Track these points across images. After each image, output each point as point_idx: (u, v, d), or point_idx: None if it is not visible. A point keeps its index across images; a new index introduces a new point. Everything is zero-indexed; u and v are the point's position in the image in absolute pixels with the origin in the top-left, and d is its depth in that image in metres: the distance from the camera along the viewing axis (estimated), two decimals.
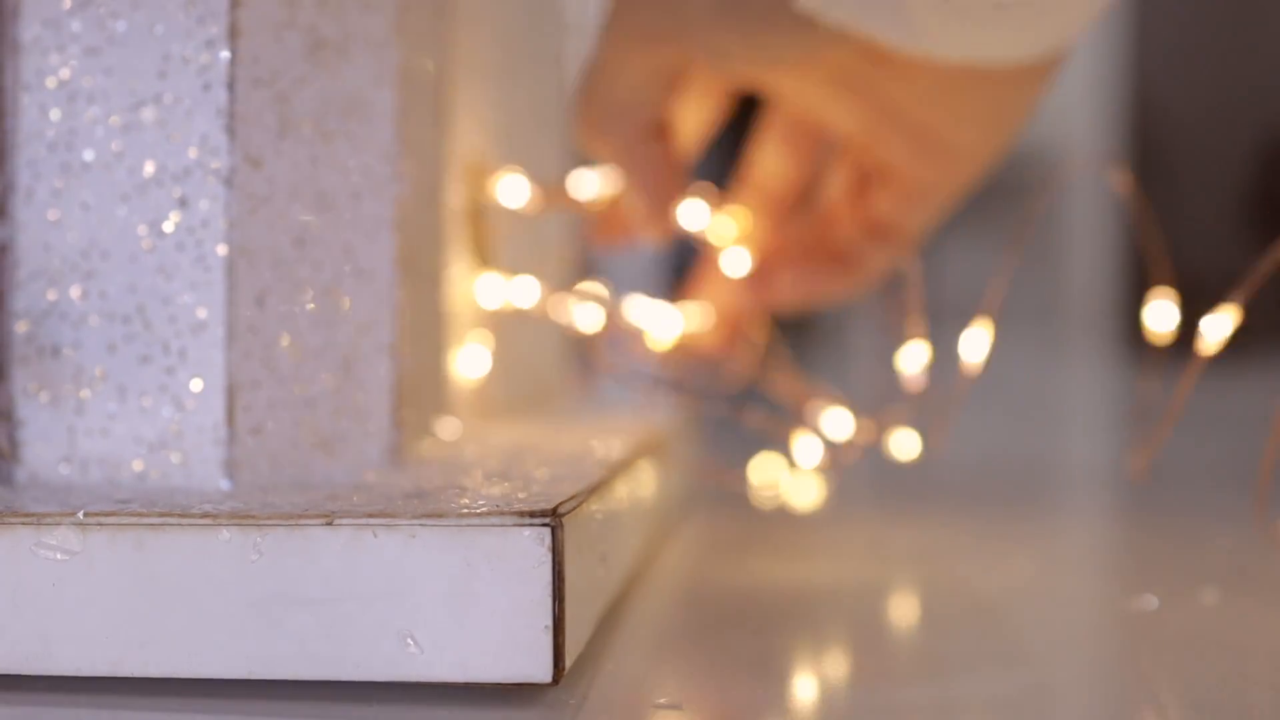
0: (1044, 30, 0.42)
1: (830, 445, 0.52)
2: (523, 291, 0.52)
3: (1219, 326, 0.46)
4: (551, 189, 0.53)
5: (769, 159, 0.52)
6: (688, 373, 0.55)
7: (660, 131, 0.48)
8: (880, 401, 0.52)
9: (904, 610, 0.44)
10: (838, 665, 0.38)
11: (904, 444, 0.52)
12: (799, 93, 0.48)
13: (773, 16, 0.44)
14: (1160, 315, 0.47)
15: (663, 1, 0.45)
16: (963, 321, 0.50)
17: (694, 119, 0.51)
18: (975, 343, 0.49)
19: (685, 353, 0.53)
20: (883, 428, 0.51)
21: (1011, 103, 0.46)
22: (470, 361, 0.50)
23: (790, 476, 0.60)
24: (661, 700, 0.33)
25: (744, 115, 0.53)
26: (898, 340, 0.51)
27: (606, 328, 0.53)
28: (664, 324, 0.51)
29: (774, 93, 0.49)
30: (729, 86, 0.50)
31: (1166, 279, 0.47)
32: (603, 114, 0.48)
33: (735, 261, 0.51)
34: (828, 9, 0.42)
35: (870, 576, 0.48)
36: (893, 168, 0.49)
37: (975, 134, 0.47)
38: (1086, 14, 0.42)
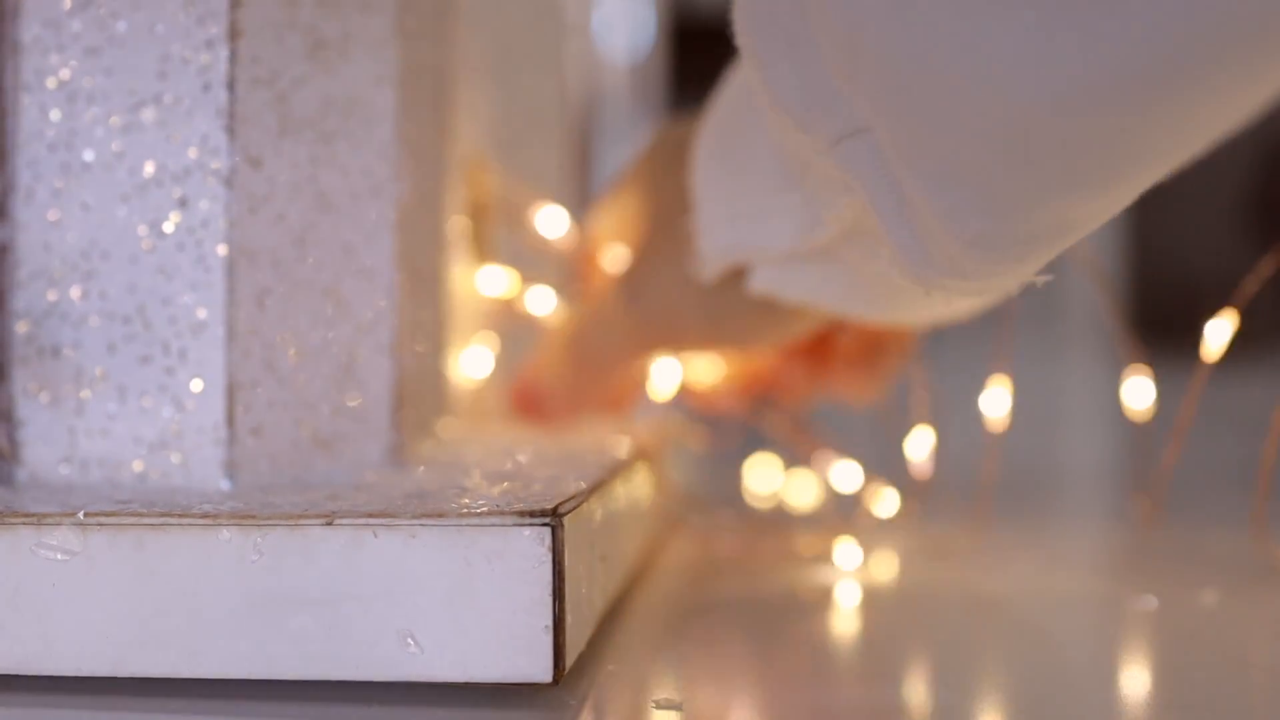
0: (1022, 261, 0.41)
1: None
2: (537, 299, 0.52)
3: (1221, 331, 0.46)
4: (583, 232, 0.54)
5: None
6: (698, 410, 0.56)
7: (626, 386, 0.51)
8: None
9: (904, 610, 0.44)
10: (838, 666, 0.38)
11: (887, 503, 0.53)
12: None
13: (753, 319, 0.45)
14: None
15: (660, 330, 0.47)
16: (963, 329, 0.50)
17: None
18: (996, 401, 0.50)
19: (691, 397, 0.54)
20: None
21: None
22: (471, 362, 0.50)
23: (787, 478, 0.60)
24: (661, 699, 0.33)
25: None
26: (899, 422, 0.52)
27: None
28: (665, 374, 0.52)
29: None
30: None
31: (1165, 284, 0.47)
32: (589, 378, 0.49)
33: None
34: (781, 291, 0.43)
35: (870, 577, 0.48)
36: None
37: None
38: (1076, 238, 0.40)
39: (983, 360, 0.51)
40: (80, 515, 0.32)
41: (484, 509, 0.32)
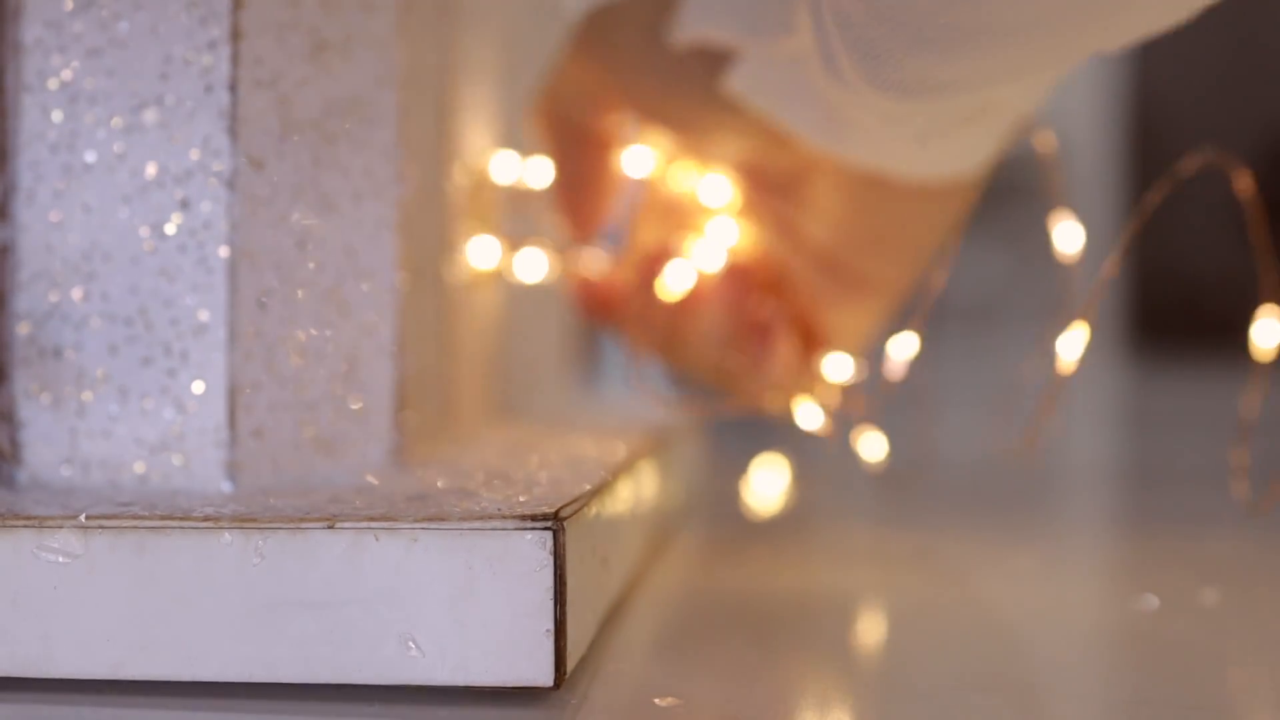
0: (958, 150, 0.42)
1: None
2: (528, 264, 0.51)
3: (1273, 331, 0.45)
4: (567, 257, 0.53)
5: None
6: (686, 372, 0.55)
7: (602, 141, 0.49)
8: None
9: (904, 611, 0.44)
10: (838, 667, 0.38)
11: (872, 444, 0.52)
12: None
13: (704, 106, 0.45)
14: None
15: (614, 75, 0.47)
16: (964, 321, 0.50)
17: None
18: (1072, 343, 0.49)
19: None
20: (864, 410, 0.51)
21: (921, 227, 0.47)
22: (473, 363, 0.50)
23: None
24: (661, 701, 0.33)
25: None
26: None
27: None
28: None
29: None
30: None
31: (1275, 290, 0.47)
32: (552, 105, 0.49)
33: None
34: (753, 95, 0.43)
35: (870, 577, 0.48)
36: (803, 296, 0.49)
37: (882, 262, 0.47)
38: (1002, 136, 0.42)
39: (981, 356, 0.51)
40: (82, 518, 0.32)
41: (486, 512, 0.32)
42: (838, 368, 0.50)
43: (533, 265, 0.51)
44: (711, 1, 0.43)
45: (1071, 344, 0.47)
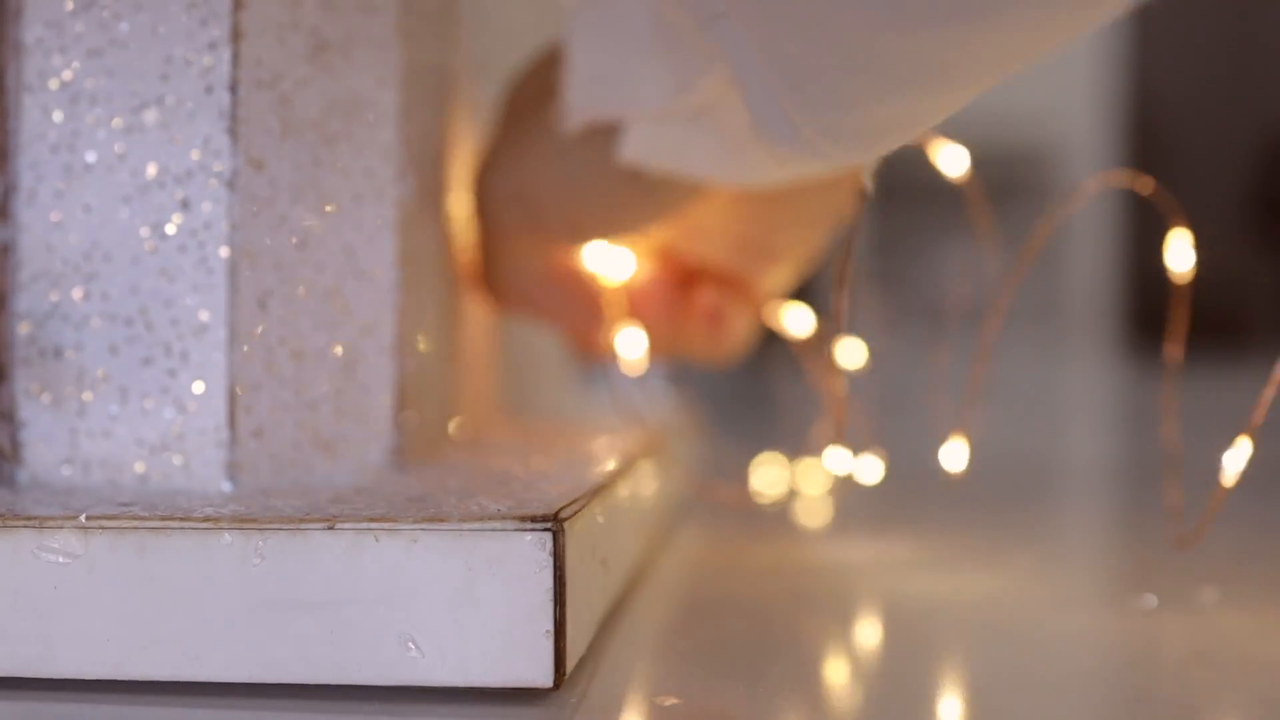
0: (858, 154, 0.42)
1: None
2: None
3: None
4: None
5: None
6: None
7: (562, 274, 0.49)
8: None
9: (904, 610, 0.44)
10: (838, 667, 0.38)
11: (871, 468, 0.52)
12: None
13: (612, 189, 0.44)
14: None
15: (516, 188, 0.46)
16: (962, 323, 0.50)
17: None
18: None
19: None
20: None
21: (829, 200, 0.47)
22: (473, 363, 0.50)
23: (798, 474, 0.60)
24: (661, 701, 0.33)
25: None
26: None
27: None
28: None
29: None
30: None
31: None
32: (502, 283, 0.49)
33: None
34: (649, 157, 0.43)
35: (870, 577, 0.48)
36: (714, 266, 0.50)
37: (795, 234, 0.48)
38: (916, 131, 0.42)
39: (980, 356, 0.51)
40: (82, 518, 0.32)
41: (486, 513, 0.32)
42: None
43: None
44: (594, 84, 0.42)
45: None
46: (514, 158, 0.46)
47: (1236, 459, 0.41)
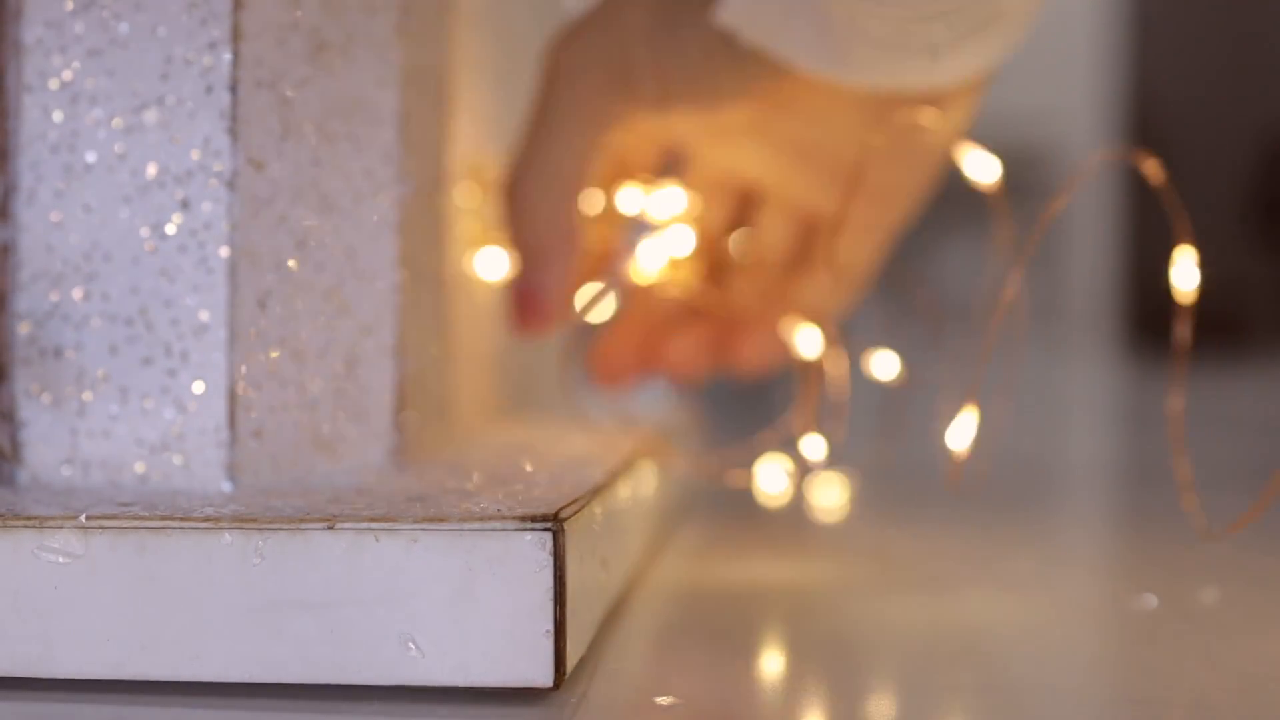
0: (968, 61, 0.42)
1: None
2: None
3: None
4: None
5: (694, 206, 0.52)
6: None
7: (573, 217, 0.48)
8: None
9: (904, 611, 0.44)
10: (838, 667, 0.38)
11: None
12: (719, 152, 0.49)
13: (709, 49, 0.44)
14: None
15: (607, 45, 0.46)
16: (962, 321, 0.50)
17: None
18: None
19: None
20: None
21: (909, 177, 0.48)
22: (473, 363, 0.50)
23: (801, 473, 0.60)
24: (661, 700, 0.33)
25: None
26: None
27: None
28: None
29: (696, 155, 0.50)
30: (656, 154, 0.51)
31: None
32: (542, 184, 0.47)
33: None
34: (747, 26, 0.43)
35: (870, 577, 0.48)
36: (824, 211, 0.49)
37: (897, 168, 0.48)
38: (1012, 41, 0.43)
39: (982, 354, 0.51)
40: (82, 518, 0.32)
41: (486, 513, 0.32)
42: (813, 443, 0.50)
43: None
44: None
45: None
46: (614, 8, 0.46)
47: None
